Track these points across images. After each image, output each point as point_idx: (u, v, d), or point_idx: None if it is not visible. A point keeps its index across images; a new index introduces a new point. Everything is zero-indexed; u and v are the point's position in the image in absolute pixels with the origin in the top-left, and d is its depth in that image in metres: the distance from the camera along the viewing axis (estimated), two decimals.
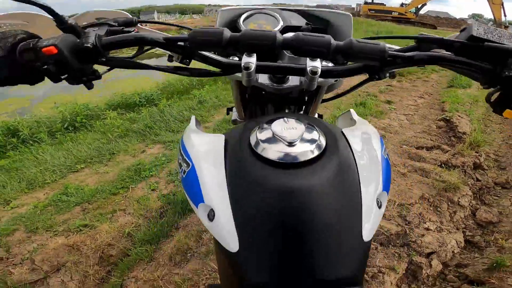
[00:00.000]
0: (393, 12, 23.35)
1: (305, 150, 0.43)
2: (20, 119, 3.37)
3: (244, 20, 0.79)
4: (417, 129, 3.07)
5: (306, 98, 0.79)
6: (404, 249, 1.64)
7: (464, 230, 1.85)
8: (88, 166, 2.61)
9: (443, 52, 0.48)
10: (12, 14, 0.56)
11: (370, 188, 0.46)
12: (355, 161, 0.47)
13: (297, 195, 0.40)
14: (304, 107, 0.81)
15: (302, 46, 0.45)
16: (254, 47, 0.46)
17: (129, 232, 1.80)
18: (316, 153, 0.44)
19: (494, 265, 1.47)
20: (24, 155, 2.79)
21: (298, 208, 0.39)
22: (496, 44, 0.43)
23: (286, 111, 0.78)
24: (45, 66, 0.43)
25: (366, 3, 25.67)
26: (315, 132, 0.46)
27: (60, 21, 0.46)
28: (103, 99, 4.20)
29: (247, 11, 0.81)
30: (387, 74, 0.53)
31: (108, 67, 0.53)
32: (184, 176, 0.50)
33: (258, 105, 0.79)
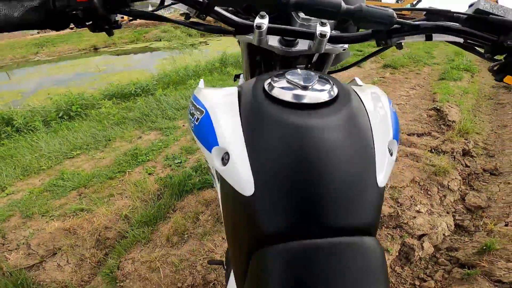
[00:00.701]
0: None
1: (319, 94, 0.45)
2: (14, 109, 3.35)
3: None
4: (408, 117, 3.12)
5: (314, 63, 0.81)
6: (397, 230, 1.67)
7: (454, 214, 1.88)
8: (84, 153, 2.61)
9: (450, 23, 0.52)
10: None
11: (382, 135, 0.46)
12: (366, 109, 0.48)
13: (313, 133, 0.40)
14: None
15: (314, 6, 0.48)
16: (270, 4, 0.49)
17: (126, 215, 1.81)
18: (330, 97, 0.45)
19: (484, 248, 1.49)
20: (18, 143, 2.78)
21: (314, 146, 0.40)
22: (500, 17, 0.47)
23: None
24: (74, 12, 0.46)
25: None
26: (327, 81, 0.49)
27: None
28: (98, 90, 4.19)
29: None
30: (395, 43, 0.56)
31: (130, 18, 0.57)
32: (197, 123, 0.51)
33: (267, 69, 0.81)
